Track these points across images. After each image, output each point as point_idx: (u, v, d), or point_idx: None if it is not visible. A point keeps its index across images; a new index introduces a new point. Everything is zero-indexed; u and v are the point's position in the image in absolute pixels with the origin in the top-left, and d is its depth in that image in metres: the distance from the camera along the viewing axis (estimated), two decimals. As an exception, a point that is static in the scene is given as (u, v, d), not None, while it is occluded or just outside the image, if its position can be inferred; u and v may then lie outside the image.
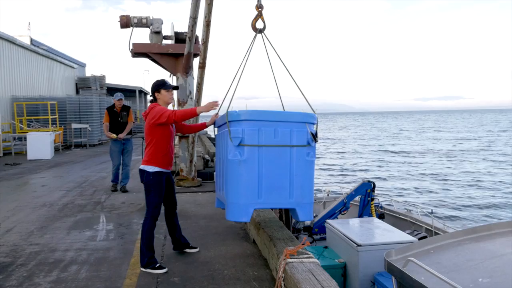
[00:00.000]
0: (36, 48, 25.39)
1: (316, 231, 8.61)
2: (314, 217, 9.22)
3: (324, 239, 7.57)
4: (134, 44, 8.32)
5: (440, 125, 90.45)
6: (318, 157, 33.85)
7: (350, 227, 5.81)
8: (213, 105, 4.28)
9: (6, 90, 20.54)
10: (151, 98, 4.47)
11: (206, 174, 9.88)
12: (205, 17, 6.52)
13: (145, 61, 8.76)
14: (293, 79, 4.41)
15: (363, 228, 5.78)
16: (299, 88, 4.35)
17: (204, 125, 4.82)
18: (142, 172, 4.34)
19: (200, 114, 4.75)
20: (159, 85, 4.39)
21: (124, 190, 8.64)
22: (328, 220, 6.40)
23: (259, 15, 4.41)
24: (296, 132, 3.77)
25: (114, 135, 8.39)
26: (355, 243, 5.08)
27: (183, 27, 8.70)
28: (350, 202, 8.53)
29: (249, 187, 3.78)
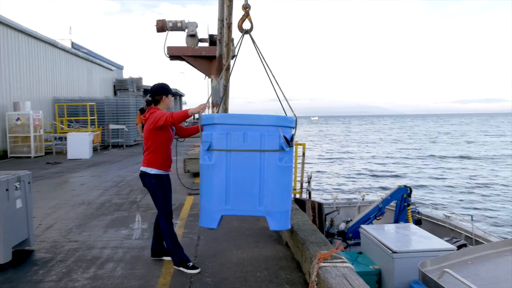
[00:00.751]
0: (76, 51, 26.27)
1: (350, 236, 8.47)
2: (348, 221, 9.09)
3: (358, 244, 7.45)
4: (168, 48, 8.46)
5: (491, 129, 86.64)
6: (353, 160, 33.41)
7: (386, 232, 5.69)
8: (203, 106, 4.26)
9: (48, 91, 21.33)
10: (150, 99, 4.39)
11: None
12: (226, 19, 6.54)
13: (181, 63, 8.90)
14: (275, 80, 4.23)
15: (399, 234, 5.65)
16: (281, 90, 4.18)
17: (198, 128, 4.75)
18: (144, 175, 4.31)
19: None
20: (168, 90, 4.41)
21: None
22: (362, 225, 6.29)
23: (246, 15, 4.33)
24: (268, 136, 3.57)
25: None
26: (390, 249, 4.97)
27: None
28: (386, 207, 8.35)
29: (217, 192, 3.70)
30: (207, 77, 8.78)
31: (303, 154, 6.81)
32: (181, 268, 4.22)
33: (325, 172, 27.27)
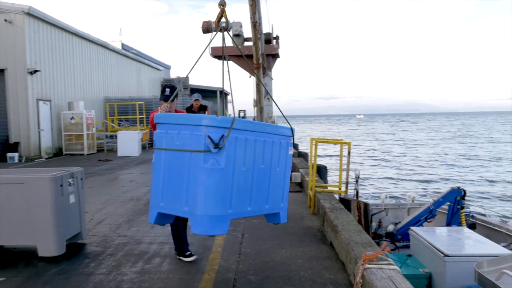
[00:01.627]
0: (126, 52, 27.17)
1: (399, 238, 8.23)
2: (397, 223, 8.84)
3: (407, 247, 7.23)
4: (212, 48, 8.56)
5: None
6: (401, 160, 32.50)
7: (437, 235, 5.49)
8: (164, 107, 4.33)
9: (100, 91, 22.20)
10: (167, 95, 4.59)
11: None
12: (251, 18, 6.52)
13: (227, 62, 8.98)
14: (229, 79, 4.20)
15: (451, 237, 5.43)
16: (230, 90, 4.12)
17: None
18: None
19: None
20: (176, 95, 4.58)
21: None
22: (412, 227, 6.11)
23: (222, 13, 4.31)
24: (195, 136, 3.43)
25: None
26: (442, 253, 4.79)
27: (264, 29, 8.76)
28: (437, 209, 8.05)
29: (154, 189, 3.72)
30: (251, 76, 8.81)
31: (349, 153, 6.68)
32: (180, 257, 4.55)
33: (372, 172, 26.70)
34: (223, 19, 4.29)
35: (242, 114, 49.18)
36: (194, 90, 34.53)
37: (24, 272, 4.24)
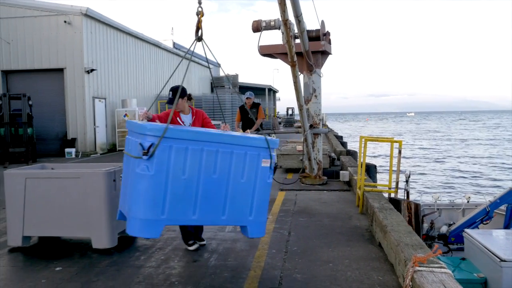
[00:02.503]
0: (177, 51, 27.83)
1: (453, 240, 7.91)
2: (451, 224, 8.50)
3: (461, 249, 6.93)
4: (261, 47, 8.56)
5: None
6: (455, 159, 31.22)
7: (494, 239, 5.22)
8: (144, 115, 4.47)
9: (152, 89, 22.87)
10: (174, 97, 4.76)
11: (332, 173, 9.77)
12: (281, 16, 6.44)
13: (276, 60, 8.96)
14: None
15: (509, 241, 5.15)
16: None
17: None
18: None
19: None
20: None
21: None
22: (466, 230, 5.85)
23: (199, 22, 4.28)
24: (135, 142, 3.57)
25: (241, 131, 8.96)
26: (498, 257, 4.55)
27: (314, 25, 8.69)
28: (494, 211, 7.65)
29: (121, 190, 4.01)
30: (300, 73, 8.74)
31: (399, 152, 6.49)
32: (185, 246, 4.84)
33: (424, 171, 25.82)
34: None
35: (290, 112, 49.03)
36: (242, 87, 34.85)
37: (79, 263, 4.44)
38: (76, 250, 4.85)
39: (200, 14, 4.21)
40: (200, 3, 4.19)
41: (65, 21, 15.87)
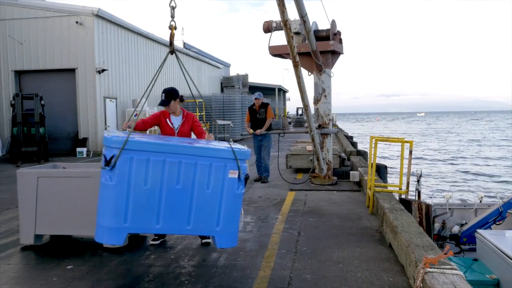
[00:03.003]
0: (187, 51, 27.94)
1: (465, 241, 7.82)
2: (463, 225, 8.41)
3: (473, 250, 6.85)
4: (271, 47, 8.56)
5: None
6: (466, 160, 30.90)
7: (506, 239, 5.15)
8: (125, 126, 4.69)
9: (162, 89, 22.95)
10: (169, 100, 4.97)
11: (342, 173, 9.73)
12: (280, 16, 6.46)
13: (285, 60, 8.95)
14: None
15: (521, 242, 5.08)
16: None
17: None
18: None
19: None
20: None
21: (263, 181, 9.39)
22: (479, 230, 5.78)
23: (171, 37, 4.42)
24: (103, 153, 3.72)
25: (251, 131, 9.10)
26: (511, 258, 4.49)
27: (326, 25, 8.66)
28: (508, 211, 7.55)
29: None
30: (309, 73, 8.72)
31: (410, 152, 6.44)
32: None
33: (436, 172, 25.60)
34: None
35: (300, 112, 48.89)
36: (252, 87, 34.86)
37: (90, 261, 4.48)
38: (87, 249, 4.89)
39: (171, 28, 4.35)
40: (172, 17, 4.32)
41: (76, 22, 16.01)
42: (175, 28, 4.36)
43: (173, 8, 4.28)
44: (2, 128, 16.78)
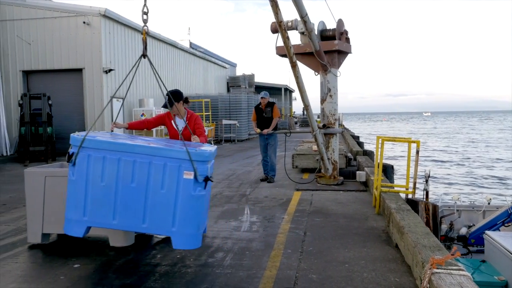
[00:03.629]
0: (194, 51, 27.98)
1: (472, 242, 7.77)
2: (471, 226, 8.35)
3: (481, 252, 6.81)
4: (277, 47, 8.56)
5: None
6: (473, 161, 30.71)
7: None
8: (112, 127, 5.34)
9: (169, 89, 22.93)
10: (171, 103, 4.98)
11: (348, 173, 9.70)
12: (274, 17, 6.54)
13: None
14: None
15: (530, 243, 5.04)
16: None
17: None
18: None
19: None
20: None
21: (269, 181, 9.39)
22: (487, 232, 5.75)
23: (144, 41, 4.53)
24: None
25: (258, 130, 9.11)
26: (518, 259, 4.45)
27: (335, 24, 8.62)
28: None
29: None
30: (316, 73, 8.70)
31: (417, 152, 6.40)
32: None
33: (441, 173, 25.45)
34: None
35: (305, 112, 48.76)
36: (258, 87, 34.86)
37: (97, 260, 4.50)
38: (94, 248, 4.91)
39: (143, 33, 4.45)
40: (145, 22, 4.44)
41: (84, 22, 16.08)
42: (147, 33, 4.47)
43: (145, 14, 4.39)
44: (10, 127, 16.88)
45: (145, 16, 4.38)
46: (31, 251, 4.83)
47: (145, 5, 4.34)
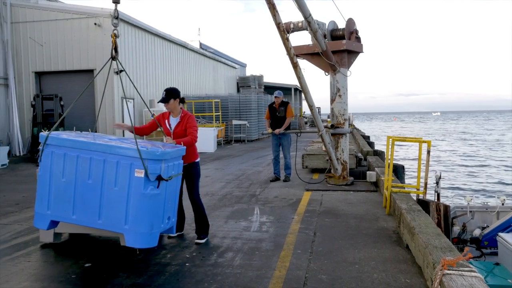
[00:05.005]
0: (204, 51, 28.07)
1: (486, 244, 7.67)
2: (484, 228, 8.25)
3: (495, 254, 6.73)
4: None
5: None
6: (486, 161, 30.36)
7: None
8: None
9: (179, 89, 23.13)
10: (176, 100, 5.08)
11: (358, 173, 9.65)
12: (272, 19, 6.61)
13: (301, 60, 8.92)
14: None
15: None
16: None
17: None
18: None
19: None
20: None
21: (286, 180, 9.43)
22: (501, 233, 5.69)
23: (113, 44, 4.59)
24: None
25: (270, 130, 9.15)
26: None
27: (341, 24, 8.60)
28: None
29: None
30: (326, 73, 8.68)
31: (428, 152, 6.34)
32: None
33: (455, 173, 25.21)
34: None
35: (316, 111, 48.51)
36: (268, 87, 34.83)
37: (107, 259, 4.54)
38: (105, 247, 4.96)
39: (113, 36, 4.55)
40: (115, 26, 4.51)
41: (95, 23, 16.23)
42: (117, 36, 4.57)
43: (115, 18, 4.51)
44: (23, 128, 17.09)
45: (115, 21, 4.52)
46: (43, 250, 4.88)
47: (116, 9, 4.53)
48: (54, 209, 4.19)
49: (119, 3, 4.56)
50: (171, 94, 5.02)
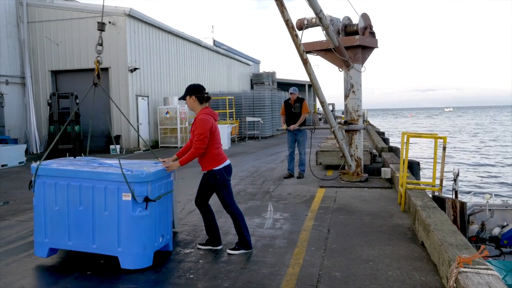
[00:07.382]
0: (217, 48, 28.11)
1: (505, 243, 7.54)
2: (504, 226, 8.10)
3: None
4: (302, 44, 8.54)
5: None
6: (503, 159, 29.84)
7: None
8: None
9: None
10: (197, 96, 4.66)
11: (373, 169, 9.58)
12: (281, 16, 6.59)
13: (315, 56, 8.87)
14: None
15: None
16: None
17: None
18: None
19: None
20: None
21: (299, 176, 9.42)
22: (520, 232, 5.57)
23: (96, 69, 4.67)
24: None
25: (285, 126, 9.17)
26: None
27: (354, 19, 8.52)
28: None
29: None
30: (340, 69, 8.62)
31: (444, 148, 6.25)
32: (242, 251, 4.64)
33: (473, 170, 24.84)
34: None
35: (330, 108, 48.29)
36: (281, 84, 34.75)
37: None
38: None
39: (95, 62, 4.65)
40: (99, 53, 4.66)
41: (109, 22, 16.36)
42: (100, 63, 4.73)
43: (100, 45, 4.65)
44: (40, 126, 17.36)
45: (99, 47, 4.63)
46: (42, 259, 4.91)
47: (100, 36, 4.66)
48: (51, 237, 4.32)
49: (103, 30, 4.73)
50: (187, 91, 4.63)
